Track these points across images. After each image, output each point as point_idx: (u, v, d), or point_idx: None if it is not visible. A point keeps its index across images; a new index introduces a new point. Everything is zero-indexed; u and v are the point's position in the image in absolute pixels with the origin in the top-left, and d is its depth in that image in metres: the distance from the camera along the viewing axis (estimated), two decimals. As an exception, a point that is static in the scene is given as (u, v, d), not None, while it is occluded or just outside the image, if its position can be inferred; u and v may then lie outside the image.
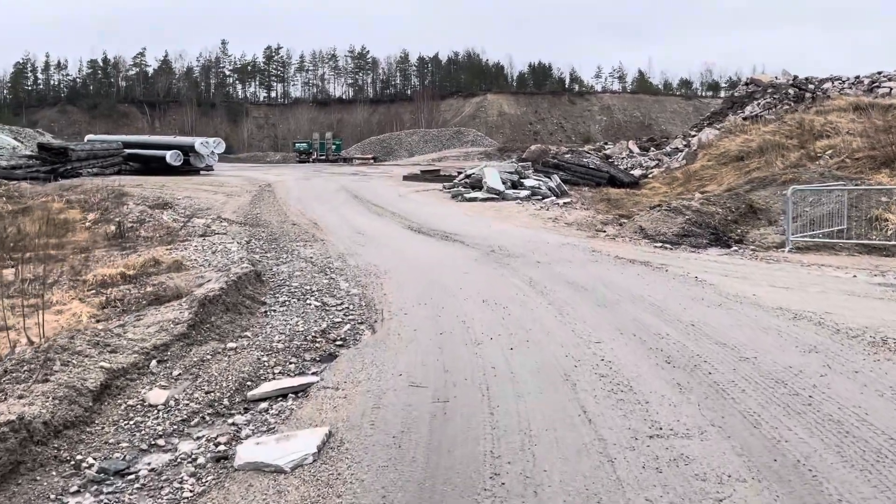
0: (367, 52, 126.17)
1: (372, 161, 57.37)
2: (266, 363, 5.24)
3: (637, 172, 28.95)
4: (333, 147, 62.28)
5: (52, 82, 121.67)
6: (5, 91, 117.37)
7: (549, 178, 21.44)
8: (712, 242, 12.09)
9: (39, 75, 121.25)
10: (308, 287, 7.98)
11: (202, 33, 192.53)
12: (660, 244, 11.41)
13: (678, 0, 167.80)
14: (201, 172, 27.24)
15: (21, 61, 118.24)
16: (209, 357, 5.28)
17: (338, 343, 5.83)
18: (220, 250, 10.30)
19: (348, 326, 6.30)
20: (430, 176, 26.29)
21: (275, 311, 6.77)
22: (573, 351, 5.24)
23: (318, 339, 5.91)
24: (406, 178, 26.15)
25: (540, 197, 19.21)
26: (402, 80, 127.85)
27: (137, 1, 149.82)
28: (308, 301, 7.23)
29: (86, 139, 30.49)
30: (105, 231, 12.56)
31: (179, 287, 7.06)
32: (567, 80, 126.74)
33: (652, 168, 30.50)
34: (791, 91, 31.66)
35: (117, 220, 13.01)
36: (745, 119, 29.71)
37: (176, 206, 16.76)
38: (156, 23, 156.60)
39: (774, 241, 12.39)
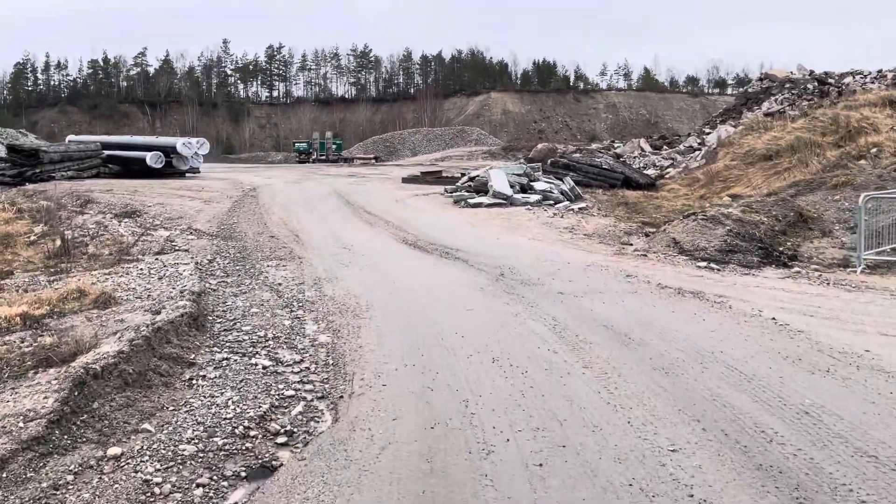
0: (370, 50, 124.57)
1: (374, 161, 55.49)
2: (156, 490, 3.33)
3: (651, 172, 27.00)
4: (334, 147, 60.50)
5: (52, 83, 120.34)
6: (5, 92, 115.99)
7: (561, 180, 19.49)
8: (763, 260, 10.13)
9: (39, 76, 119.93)
10: (263, 333, 6.08)
11: (204, 32, 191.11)
12: (703, 263, 9.46)
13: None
14: (186, 175, 25.38)
15: (21, 61, 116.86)
16: (70, 479, 3.38)
17: (280, 440, 3.93)
18: (169, 275, 8.41)
19: (301, 406, 4.39)
20: (430, 178, 24.36)
21: (203, 378, 4.86)
22: (639, 471, 3.32)
23: (252, 433, 4.00)
24: (405, 180, 24.23)
25: (552, 202, 17.27)
26: (405, 79, 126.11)
27: (139, 0, 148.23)
28: (255, 359, 5.32)
29: (66, 140, 28.66)
30: (48, 247, 10.69)
31: (80, 341, 5.16)
32: (572, 78, 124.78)
33: (667, 168, 28.58)
34: (810, 86, 29.83)
35: (65, 233, 11.13)
36: (765, 115, 27.82)
37: (145, 215, 14.88)
38: (157, 22, 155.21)
39: (834, 257, 10.44)
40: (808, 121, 22.52)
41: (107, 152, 24.40)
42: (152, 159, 23.08)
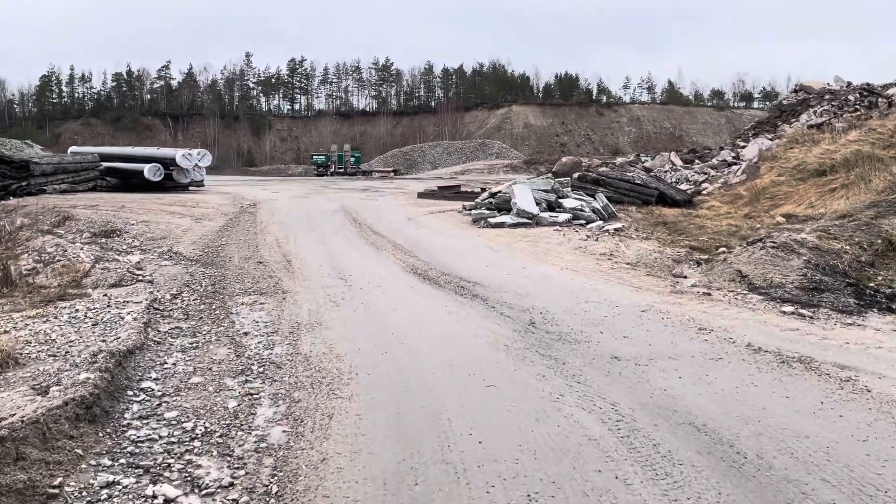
0: (392, 63, 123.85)
1: (392, 174, 53.92)
2: None
3: (684, 187, 24.92)
4: (352, 160, 59.17)
5: (76, 95, 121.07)
6: (30, 104, 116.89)
7: (593, 196, 17.50)
8: (860, 302, 8.05)
9: (64, 88, 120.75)
10: (191, 424, 4.20)
11: (227, 46, 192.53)
12: (790, 308, 7.41)
13: (705, 11, 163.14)
14: (189, 189, 23.82)
15: (47, 74, 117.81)
16: None
17: None
18: (108, 320, 6.60)
19: None
20: (448, 193, 22.49)
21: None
22: None
23: None
24: (421, 195, 22.37)
25: (583, 221, 15.28)
26: (426, 92, 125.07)
27: (163, 13, 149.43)
28: (159, 484, 3.43)
29: (69, 151, 27.33)
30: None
31: None
32: (595, 91, 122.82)
33: (702, 183, 26.47)
34: (851, 97, 27.74)
35: (8, 261, 9.43)
36: (809, 127, 25.67)
37: (125, 235, 13.20)
38: (181, 35, 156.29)
39: (945, 296, 8.35)
40: (863, 133, 20.33)
41: (105, 164, 22.95)
42: (150, 172, 21.54)
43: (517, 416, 4.21)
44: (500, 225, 14.58)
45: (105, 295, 7.78)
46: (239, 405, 4.55)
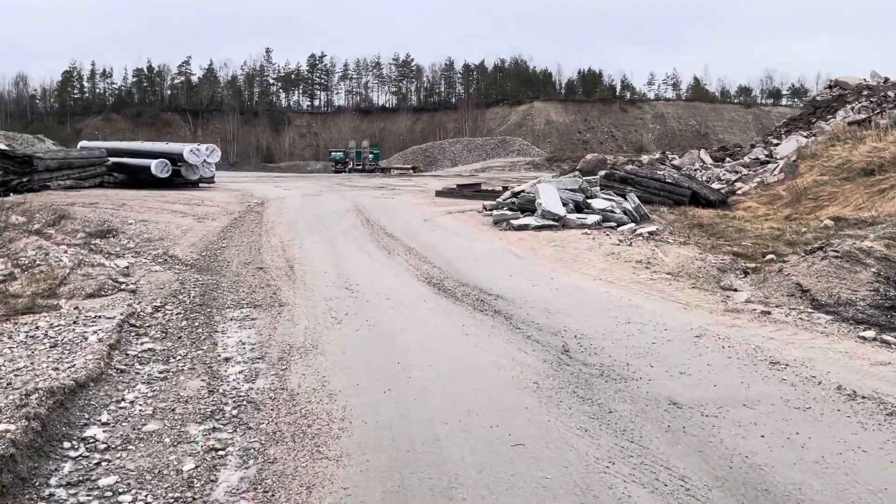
0: (412, 59, 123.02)
1: (411, 171, 52.93)
2: None
3: (717, 187, 23.64)
4: (371, 156, 58.24)
5: (97, 91, 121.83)
6: (52, 99, 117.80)
7: (624, 196, 16.34)
8: (949, 324, 6.88)
9: (86, 84, 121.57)
10: (130, 497, 3.23)
11: (247, 41, 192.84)
12: (871, 333, 6.26)
13: (732, 5, 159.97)
14: (199, 185, 23.02)
15: (68, 69, 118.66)
16: None
17: None
18: (68, 341, 5.66)
19: None
20: (468, 191, 21.42)
21: None
22: None
23: None
24: (439, 193, 21.33)
25: (614, 223, 14.15)
26: (446, 88, 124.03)
27: (184, 9, 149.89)
28: None
29: (79, 146, 26.69)
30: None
31: None
32: (618, 88, 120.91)
33: (735, 182, 25.13)
34: (891, 93, 26.31)
35: (-17, 264, 8.56)
36: (849, 124, 24.24)
37: (121, 235, 12.36)
38: (202, 31, 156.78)
39: None
40: (916, 129, 18.98)
41: (113, 160, 22.20)
42: (157, 168, 20.75)
43: (554, 494, 3.16)
44: (524, 227, 13.50)
45: (76, 308, 6.85)
46: (197, 467, 3.56)
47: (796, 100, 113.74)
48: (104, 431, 4.00)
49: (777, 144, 28.12)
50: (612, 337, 5.86)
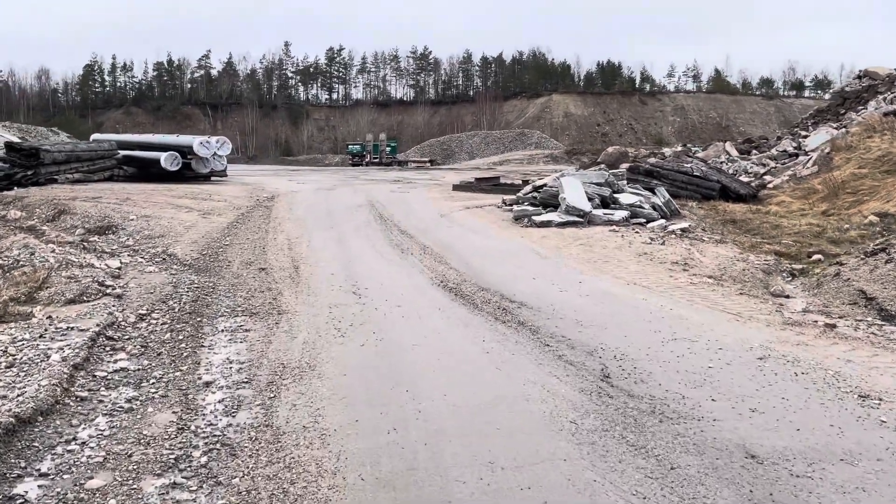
0: (430, 52, 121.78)
1: (429, 164, 52.09)
2: None
3: (745, 180, 22.51)
4: (388, 149, 57.42)
5: (118, 84, 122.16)
6: (73, 93, 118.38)
7: (652, 191, 15.37)
8: None
9: (106, 77, 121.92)
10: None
11: (266, 35, 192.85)
12: (963, 354, 5.33)
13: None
14: (211, 179, 22.37)
15: (90, 63, 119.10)
16: None
17: None
18: (28, 360, 4.91)
19: None
20: (486, 185, 20.53)
21: None
22: None
23: None
24: (456, 187, 20.46)
25: (643, 220, 13.21)
26: (464, 81, 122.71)
27: (203, 3, 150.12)
28: None
29: (91, 138, 26.20)
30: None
31: None
32: (638, 80, 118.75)
33: (763, 175, 23.97)
34: (927, 84, 25.01)
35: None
36: (885, 115, 23.00)
37: (121, 232, 11.68)
38: (222, 24, 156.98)
39: None
40: (961, 120, 17.80)
41: (123, 153, 21.62)
42: (167, 161, 20.11)
43: None
44: (547, 224, 12.61)
45: (50, 317, 6.11)
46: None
47: (819, 91, 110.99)
48: (39, 487, 3.22)
49: (805, 136, 26.88)
50: (659, 358, 4.98)
